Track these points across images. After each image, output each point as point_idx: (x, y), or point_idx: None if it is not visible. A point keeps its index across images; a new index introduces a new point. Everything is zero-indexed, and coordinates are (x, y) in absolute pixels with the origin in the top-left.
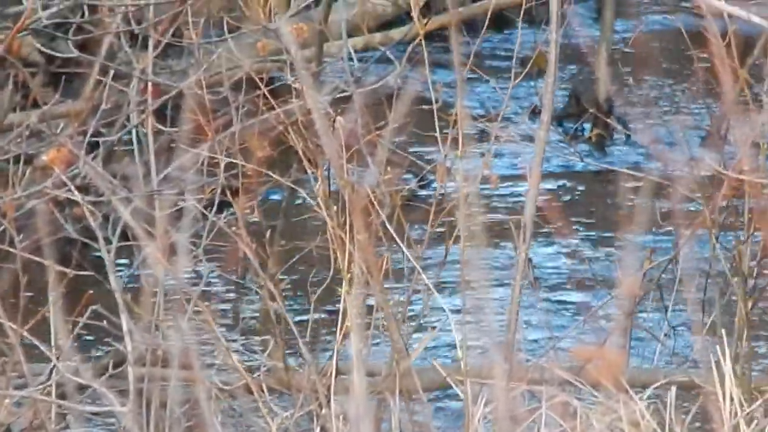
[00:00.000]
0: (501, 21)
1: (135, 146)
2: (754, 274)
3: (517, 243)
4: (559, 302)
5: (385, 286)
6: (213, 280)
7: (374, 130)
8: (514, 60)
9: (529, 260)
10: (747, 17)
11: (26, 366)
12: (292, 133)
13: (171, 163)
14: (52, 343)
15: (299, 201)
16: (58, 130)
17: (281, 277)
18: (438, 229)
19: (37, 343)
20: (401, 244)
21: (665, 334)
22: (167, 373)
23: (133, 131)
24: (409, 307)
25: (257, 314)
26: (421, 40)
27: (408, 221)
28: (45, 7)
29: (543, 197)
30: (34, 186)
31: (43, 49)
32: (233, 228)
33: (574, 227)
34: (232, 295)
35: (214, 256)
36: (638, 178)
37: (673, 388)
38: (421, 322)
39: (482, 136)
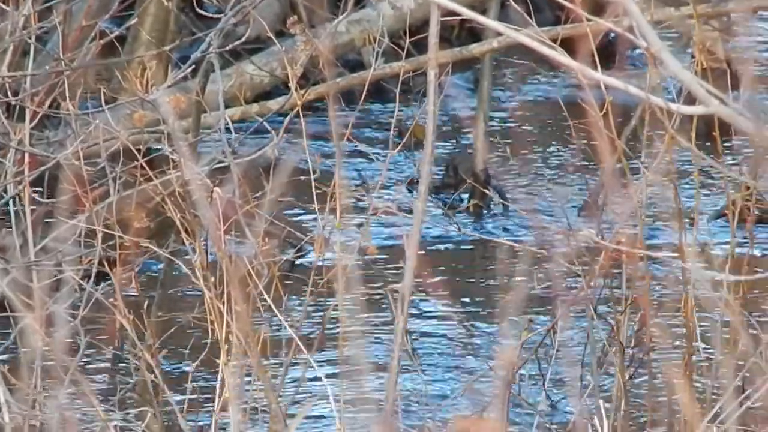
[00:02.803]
0: (379, 92)
1: (12, 217)
2: (632, 345)
3: (395, 313)
4: (438, 372)
5: (263, 357)
6: (90, 352)
7: (252, 201)
8: (391, 131)
9: (407, 331)
10: (624, 88)
11: None
12: (170, 204)
13: (48, 234)
14: None
15: (177, 272)
16: None
17: (159, 348)
18: (317, 300)
19: None
20: (279, 315)
21: (544, 405)
22: None
23: (10, 202)
24: (287, 378)
25: (135, 386)
26: (298, 110)
27: (286, 292)
28: None
29: (421, 268)
30: None
31: None
32: (111, 299)
33: (452, 297)
34: (109, 366)
35: (92, 327)
36: (516, 248)
37: None
38: (299, 392)
39: (360, 206)
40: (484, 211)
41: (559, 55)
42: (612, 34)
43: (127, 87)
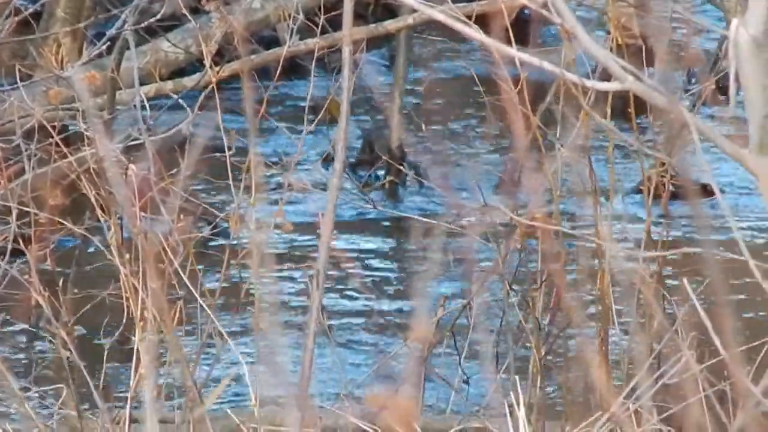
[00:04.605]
0: (294, 68)
1: None
2: (548, 321)
3: (311, 290)
4: (354, 349)
5: (179, 333)
6: (5, 328)
7: (167, 178)
8: (306, 107)
9: (323, 307)
10: (539, 64)
11: None
12: (85, 181)
13: None
14: None
15: (92, 249)
16: None
17: (74, 324)
18: (232, 276)
19: None
20: (194, 292)
21: (459, 381)
22: None
23: None
24: (203, 354)
25: (50, 362)
26: (213, 87)
27: (201, 269)
28: None
29: (336, 244)
30: None
31: None
32: (25, 276)
33: (367, 274)
34: (24, 342)
35: (7, 304)
36: (432, 224)
37: None
38: (215, 369)
39: (275, 183)
40: (400, 188)
41: (474, 32)
42: (526, 11)
43: (42, 64)
